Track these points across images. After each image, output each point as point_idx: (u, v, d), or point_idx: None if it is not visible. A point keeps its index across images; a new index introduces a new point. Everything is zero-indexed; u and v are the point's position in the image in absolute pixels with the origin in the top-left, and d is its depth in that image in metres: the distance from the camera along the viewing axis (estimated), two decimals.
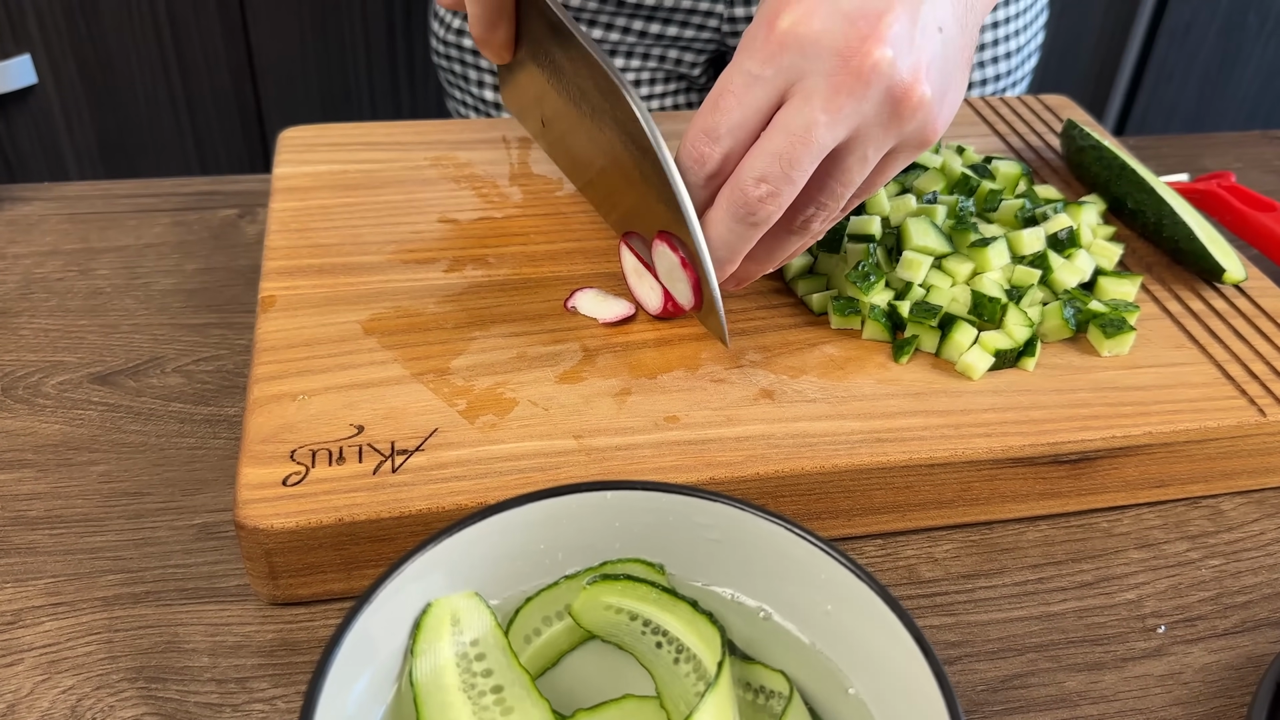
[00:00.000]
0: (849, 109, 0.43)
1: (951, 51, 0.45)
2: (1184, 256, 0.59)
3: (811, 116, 0.43)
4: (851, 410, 0.49)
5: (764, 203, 0.44)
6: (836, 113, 0.43)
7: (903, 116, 0.43)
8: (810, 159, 0.43)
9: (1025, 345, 0.51)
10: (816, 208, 0.46)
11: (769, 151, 0.44)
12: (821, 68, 0.43)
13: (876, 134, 0.44)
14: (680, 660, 0.36)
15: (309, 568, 0.44)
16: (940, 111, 0.45)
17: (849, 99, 0.42)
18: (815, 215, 0.47)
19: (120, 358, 0.57)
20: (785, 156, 0.43)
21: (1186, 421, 0.50)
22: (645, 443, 0.47)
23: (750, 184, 0.44)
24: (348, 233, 0.58)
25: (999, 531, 0.51)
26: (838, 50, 0.42)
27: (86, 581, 0.46)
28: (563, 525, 0.37)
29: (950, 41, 0.45)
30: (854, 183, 0.46)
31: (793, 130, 0.43)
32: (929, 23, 0.44)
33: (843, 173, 0.45)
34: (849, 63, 0.42)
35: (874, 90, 0.43)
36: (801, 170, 0.44)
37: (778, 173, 0.44)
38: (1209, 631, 0.47)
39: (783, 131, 0.43)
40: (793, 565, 0.36)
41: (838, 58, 0.42)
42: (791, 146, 0.43)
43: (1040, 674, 0.45)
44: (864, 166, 0.45)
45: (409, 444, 0.45)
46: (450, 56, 0.92)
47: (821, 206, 0.46)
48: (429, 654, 0.34)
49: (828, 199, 0.46)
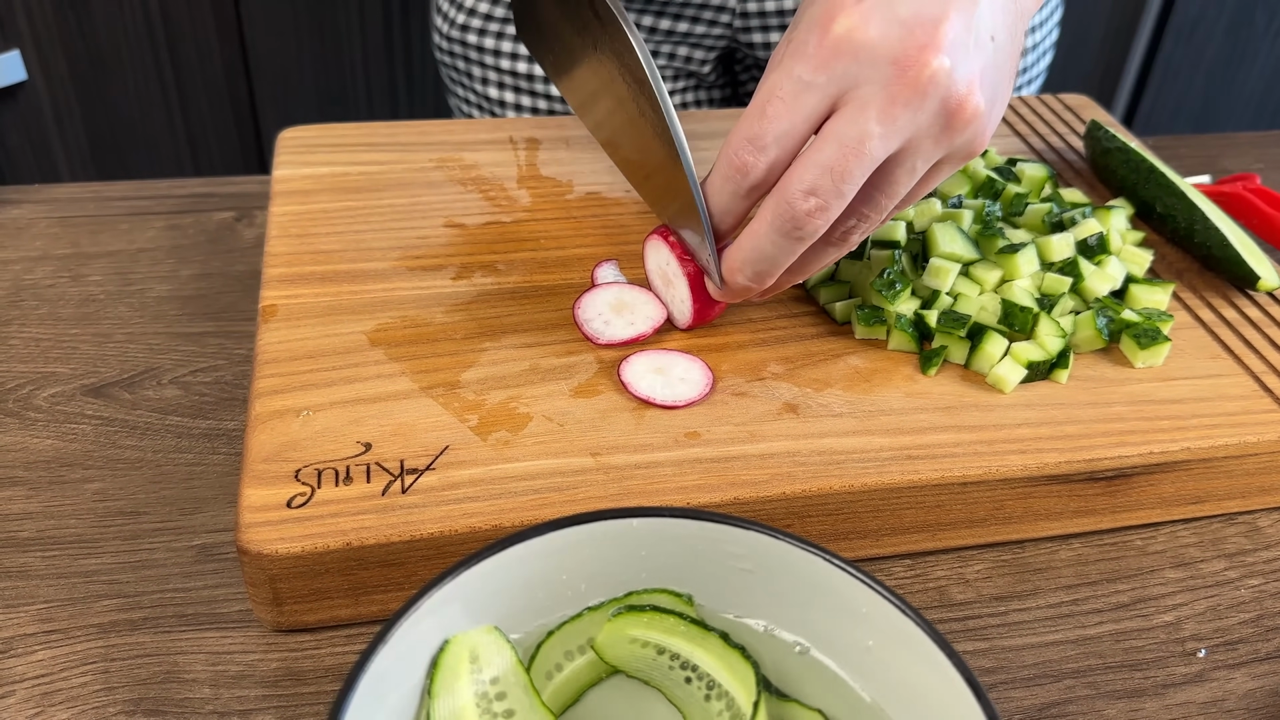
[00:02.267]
0: (904, 120, 0.41)
1: (1001, 59, 0.43)
2: (1216, 263, 0.57)
3: (866, 127, 0.41)
4: (879, 425, 0.47)
5: (812, 216, 0.42)
6: (891, 124, 0.41)
7: (955, 129, 0.42)
8: (862, 172, 0.42)
9: (1058, 357, 0.49)
10: (859, 219, 0.44)
11: (820, 164, 0.42)
12: (878, 76, 0.41)
13: (927, 146, 0.42)
14: (711, 697, 0.34)
15: (315, 593, 0.41)
16: (990, 122, 0.43)
17: (905, 110, 0.41)
18: (856, 227, 0.45)
19: (114, 368, 0.55)
20: (837, 170, 0.41)
21: (1225, 436, 0.48)
22: (665, 460, 0.45)
23: (799, 197, 0.42)
24: (351, 238, 0.56)
25: (1030, 551, 0.49)
26: (894, 59, 0.40)
27: (81, 607, 0.44)
28: (585, 554, 0.35)
29: (1001, 49, 0.43)
30: (900, 194, 0.44)
31: (846, 141, 0.41)
32: (983, 30, 0.42)
33: (890, 185, 0.43)
34: (906, 72, 0.40)
35: (930, 101, 0.41)
36: (853, 184, 0.42)
37: (828, 186, 0.42)
38: (1251, 655, 0.45)
39: (835, 142, 0.41)
40: (832, 597, 0.34)
41: (894, 66, 0.40)
42: (844, 158, 0.41)
43: (1079, 701, 0.43)
44: (911, 178, 0.43)
45: (419, 462, 0.43)
46: (454, 53, 0.90)
47: (864, 218, 0.44)
48: (448, 694, 0.32)
49: (871, 210, 0.44)
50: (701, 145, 0.67)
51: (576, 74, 0.52)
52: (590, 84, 0.51)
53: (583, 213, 0.60)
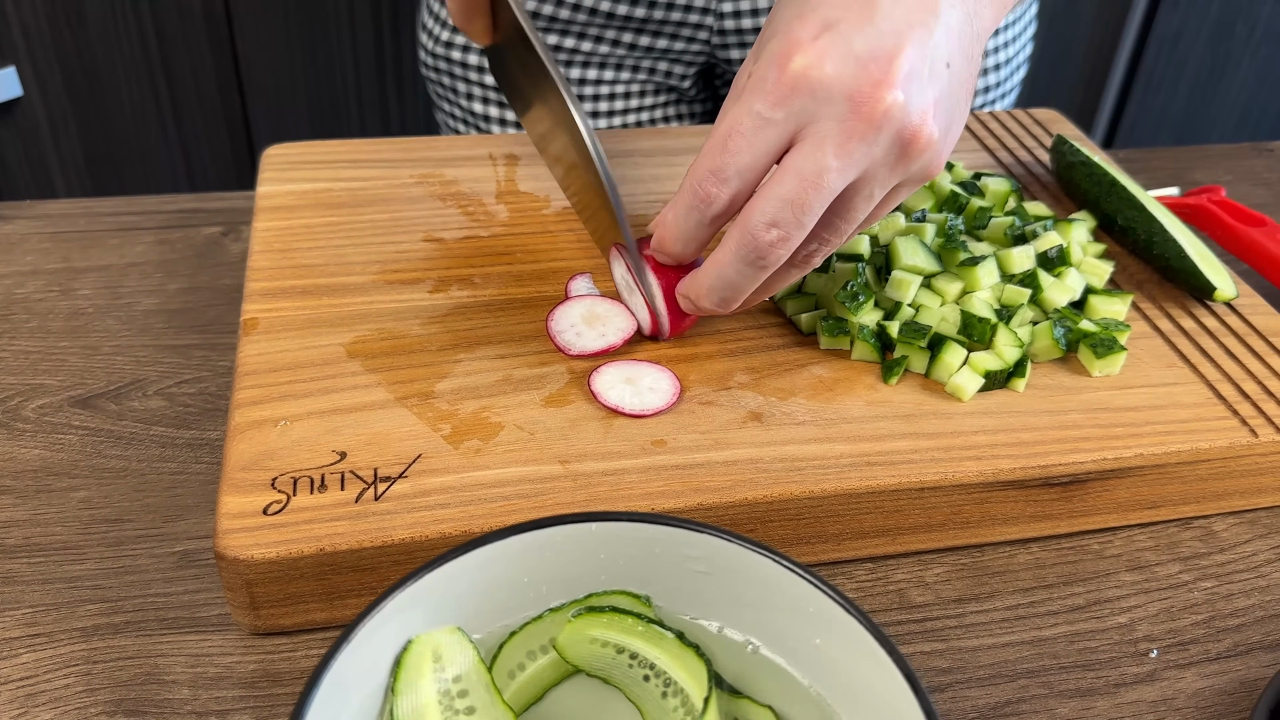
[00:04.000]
0: (860, 153, 0.43)
1: (956, 86, 0.45)
2: (1175, 274, 0.59)
3: (824, 162, 0.43)
4: (841, 433, 0.48)
5: (774, 247, 0.44)
6: (848, 157, 0.43)
7: (910, 157, 0.44)
8: (821, 203, 0.43)
9: (1015, 366, 0.51)
10: (820, 243, 0.47)
11: (780, 197, 0.43)
12: (834, 112, 0.43)
13: (883, 174, 0.44)
14: (668, 694, 0.36)
15: (290, 598, 0.43)
16: (944, 147, 0.45)
17: (860, 143, 0.42)
18: (818, 250, 0.47)
19: (101, 380, 0.57)
20: (797, 202, 0.43)
21: (1178, 443, 0.50)
22: (632, 468, 0.46)
23: (761, 229, 0.44)
24: (332, 253, 0.57)
25: (990, 554, 0.50)
26: (849, 95, 0.42)
27: (65, 611, 0.45)
28: (547, 557, 0.36)
29: (956, 76, 0.45)
30: (858, 219, 0.46)
31: (804, 175, 0.43)
32: (938, 59, 0.44)
33: (848, 211, 0.45)
34: (861, 108, 0.42)
35: (884, 134, 0.43)
36: (812, 215, 0.44)
37: (789, 218, 0.44)
38: (1201, 656, 0.46)
39: (794, 176, 0.43)
40: (782, 597, 0.35)
41: (849, 103, 0.42)
42: (803, 191, 0.43)
43: (1032, 700, 0.44)
44: (869, 204, 0.45)
45: (392, 471, 0.45)
46: (439, 69, 0.92)
47: (825, 242, 0.47)
48: (410, 692, 0.33)
49: (831, 235, 0.46)
50: (679, 161, 0.68)
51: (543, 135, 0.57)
52: (556, 153, 0.56)
53: (559, 227, 0.61)
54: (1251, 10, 1.86)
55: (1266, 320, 0.58)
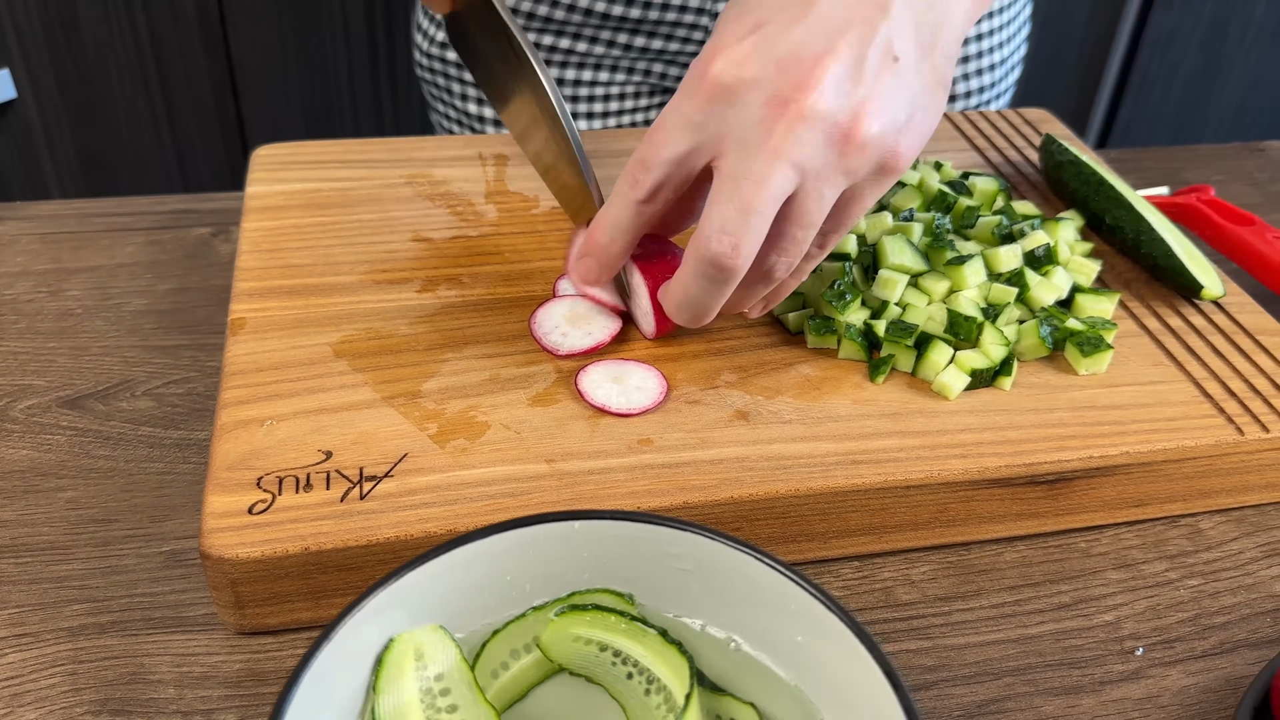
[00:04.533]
0: (788, 154, 0.42)
1: (912, 78, 0.44)
2: (1162, 273, 0.59)
3: (751, 165, 0.43)
4: (827, 432, 0.49)
5: (728, 256, 0.44)
6: (775, 159, 0.42)
7: (850, 154, 0.43)
8: (765, 203, 0.43)
9: (1002, 364, 0.51)
10: (779, 254, 0.46)
11: (723, 202, 0.44)
12: (752, 117, 0.43)
13: (827, 174, 0.44)
14: (651, 691, 0.36)
15: (276, 597, 0.43)
16: (900, 142, 0.44)
17: (785, 144, 0.42)
18: (779, 262, 0.46)
19: (90, 381, 0.57)
20: (739, 204, 0.43)
21: (1164, 441, 0.50)
22: (618, 466, 0.46)
23: (712, 239, 0.44)
24: (320, 253, 0.58)
25: (976, 552, 0.50)
26: (767, 100, 0.42)
27: (51, 611, 0.45)
28: (530, 556, 0.36)
29: (910, 68, 0.44)
30: (814, 224, 0.45)
31: (739, 178, 0.43)
32: (880, 54, 0.43)
33: (802, 215, 0.45)
34: (778, 112, 0.42)
35: (811, 135, 0.42)
36: (760, 216, 0.43)
37: (735, 221, 0.43)
38: (1187, 654, 0.46)
39: (729, 181, 0.43)
40: (764, 595, 0.35)
41: (766, 107, 0.42)
42: (742, 193, 0.43)
43: (1017, 698, 0.44)
44: (823, 206, 0.45)
45: (378, 470, 0.45)
46: (434, 70, 0.92)
47: (784, 252, 0.46)
48: (392, 691, 0.33)
49: (789, 244, 0.45)
50: None
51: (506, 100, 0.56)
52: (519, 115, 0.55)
53: (547, 227, 0.61)
54: (1245, 11, 1.86)
55: (1254, 319, 0.58)
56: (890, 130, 0.44)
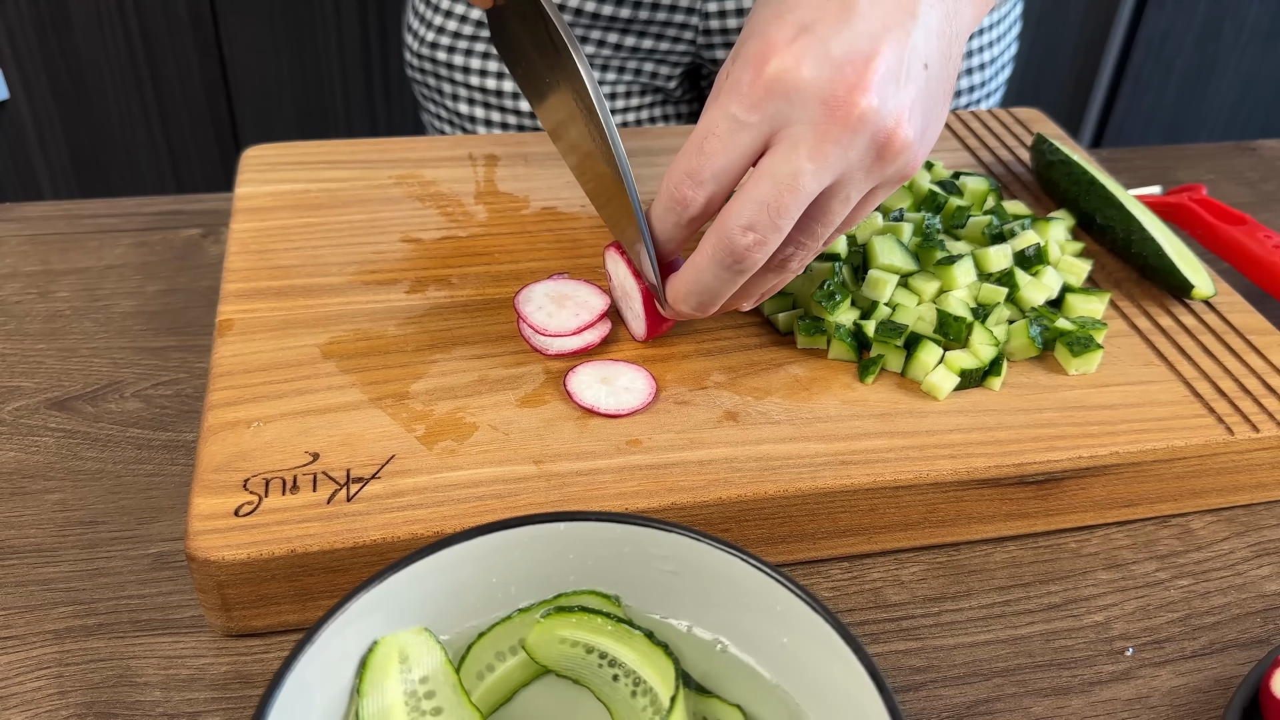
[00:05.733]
0: (835, 156, 0.43)
1: (934, 86, 0.45)
2: (1153, 272, 0.59)
3: (798, 165, 0.43)
4: (816, 432, 0.48)
5: (751, 251, 0.44)
6: (823, 161, 0.42)
7: (886, 160, 0.43)
8: (798, 206, 0.43)
9: (991, 364, 0.51)
10: (797, 248, 0.46)
11: (756, 200, 0.43)
12: (808, 116, 0.42)
13: (859, 178, 0.44)
14: (637, 694, 0.35)
15: (262, 599, 0.43)
16: (921, 148, 0.45)
17: (835, 147, 0.42)
18: (795, 255, 0.47)
19: (79, 382, 0.57)
20: (773, 205, 0.43)
21: (1154, 441, 0.50)
22: (606, 468, 0.46)
23: (738, 232, 0.44)
24: (308, 254, 0.57)
25: (966, 553, 0.50)
26: (824, 99, 0.42)
27: (38, 614, 0.45)
28: (515, 557, 0.36)
29: (934, 77, 0.45)
30: (835, 223, 0.46)
31: (780, 178, 0.43)
32: (915, 61, 0.43)
33: (825, 215, 0.45)
34: (835, 112, 0.42)
35: (860, 138, 0.42)
36: (789, 218, 0.44)
37: (766, 221, 0.43)
38: (1177, 654, 0.46)
39: (770, 179, 0.43)
40: (749, 596, 0.35)
41: (824, 107, 0.42)
42: (779, 194, 0.43)
43: (1006, 699, 0.44)
44: (846, 207, 0.45)
45: (365, 471, 0.45)
46: (424, 70, 0.91)
47: (802, 246, 0.46)
48: (376, 693, 0.33)
49: (808, 239, 0.46)
50: (661, 161, 0.68)
51: (542, 93, 0.54)
52: (554, 107, 0.53)
53: (538, 227, 0.61)
54: (1239, 10, 1.86)
55: (1244, 318, 0.58)
56: (918, 137, 0.44)
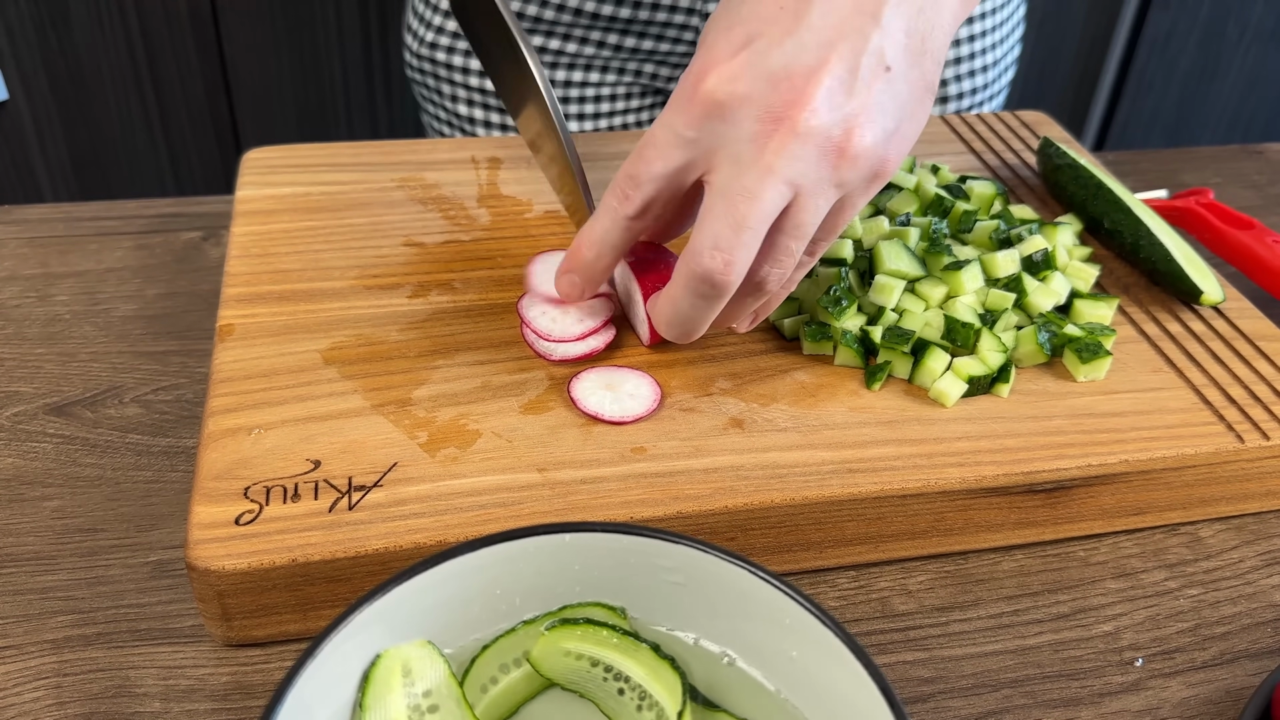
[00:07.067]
0: (781, 167, 0.42)
1: (902, 87, 0.44)
2: (1161, 277, 0.58)
3: (744, 182, 0.42)
4: (823, 440, 0.48)
5: (721, 272, 0.43)
6: (770, 173, 0.42)
7: (844, 168, 0.43)
8: (758, 218, 0.43)
9: (999, 371, 0.50)
10: (771, 265, 0.45)
11: (716, 217, 0.43)
12: (745, 133, 0.42)
13: (822, 187, 0.43)
14: (643, 708, 0.35)
15: (263, 609, 0.42)
16: (889, 149, 0.44)
17: (778, 159, 0.42)
18: (770, 274, 0.46)
19: (78, 387, 0.56)
20: (733, 219, 0.43)
21: (1163, 449, 0.49)
22: (611, 475, 0.46)
23: (705, 254, 0.43)
24: (310, 258, 0.57)
25: (974, 562, 0.50)
26: (759, 116, 0.42)
27: (36, 623, 0.44)
28: (520, 569, 0.36)
29: (900, 76, 0.44)
30: (807, 235, 0.45)
31: (731, 194, 0.43)
32: (872, 65, 0.43)
33: (796, 227, 0.44)
34: (771, 128, 0.42)
35: (806, 150, 0.42)
36: (752, 231, 0.43)
37: (728, 236, 0.43)
38: (1187, 664, 0.46)
39: (722, 196, 0.43)
40: (757, 609, 0.35)
41: (759, 123, 0.42)
42: (735, 208, 0.43)
43: (1015, 711, 0.44)
44: (816, 217, 0.44)
45: (367, 479, 0.44)
46: (424, 71, 0.91)
47: (777, 264, 0.45)
48: (379, 707, 0.33)
49: (783, 255, 0.45)
50: None
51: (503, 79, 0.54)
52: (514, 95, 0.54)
53: (541, 231, 0.61)
54: (1242, 11, 1.86)
55: (1253, 324, 0.57)
56: (882, 140, 0.43)
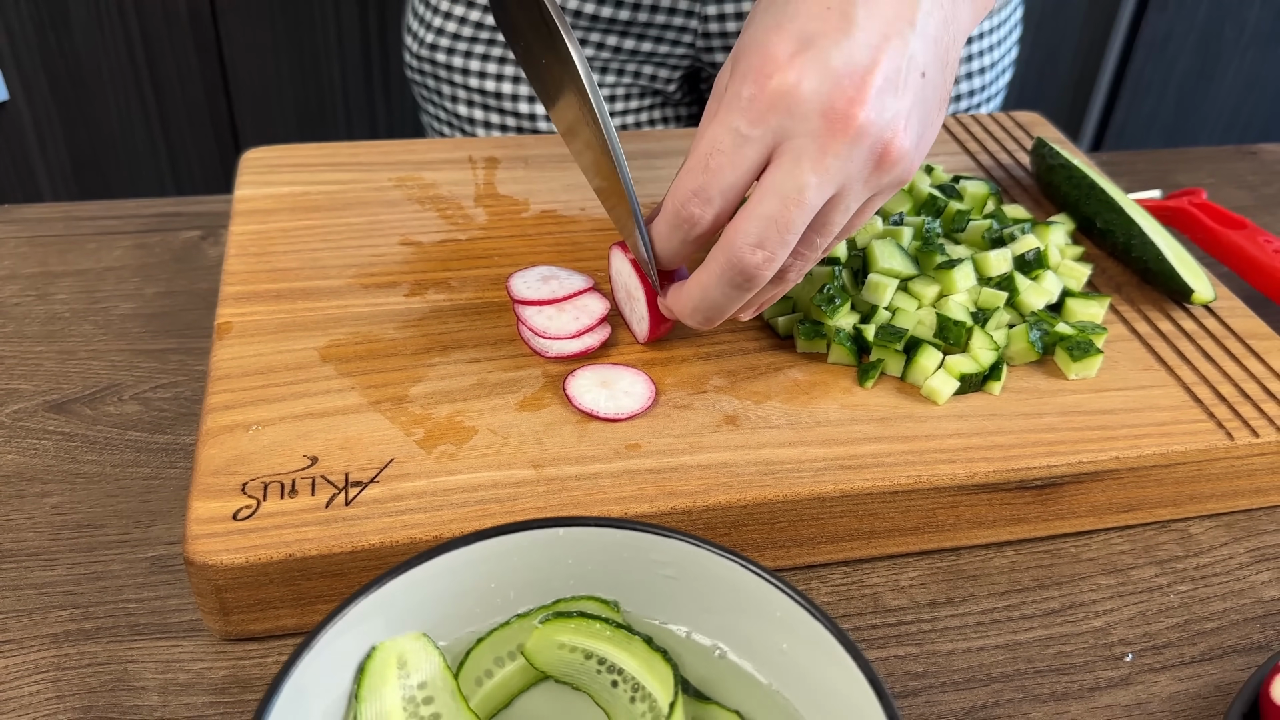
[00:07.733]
0: (836, 168, 0.43)
1: (930, 93, 0.45)
2: (1153, 277, 0.59)
3: (802, 179, 0.43)
4: (816, 436, 0.48)
5: (760, 268, 0.44)
6: (825, 173, 0.43)
7: (884, 169, 0.44)
8: (803, 221, 0.44)
9: (991, 369, 0.51)
10: (796, 258, 0.46)
11: (763, 216, 0.44)
12: (809, 129, 0.43)
13: (858, 188, 0.44)
14: (636, 699, 0.35)
15: (261, 603, 0.43)
16: (917, 155, 0.45)
17: (836, 159, 0.43)
18: (794, 265, 0.47)
19: (77, 385, 0.56)
20: (780, 221, 0.43)
21: (1153, 446, 0.50)
22: (606, 472, 0.46)
23: (747, 250, 0.44)
24: (307, 256, 0.57)
25: (965, 558, 0.50)
26: (824, 112, 0.42)
27: (35, 618, 0.45)
28: (514, 563, 0.36)
29: (930, 83, 0.45)
30: (834, 233, 0.46)
31: (785, 194, 0.43)
32: (913, 69, 0.44)
33: (825, 225, 0.45)
34: (835, 125, 0.42)
35: (859, 149, 0.43)
36: (795, 233, 0.44)
37: (774, 238, 0.44)
38: (1176, 660, 0.46)
39: (776, 195, 0.43)
40: (748, 602, 0.35)
41: (824, 120, 0.43)
42: (785, 210, 0.43)
43: (1006, 705, 0.44)
44: (845, 217, 0.45)
45: (363, 475, 0.45)
46: (424, 71, 0.91)
47: (802, 258, 0.46)
48: (374, 699, 0.33)
49: (809, 250, 0.46)
50: (659, 164, 0.68)
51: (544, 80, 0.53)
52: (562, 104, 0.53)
53: (538, 230, 0.61)
54: (1239, 13, 1.86)
55: (1244, 323, 0.58)
56: (915, 144, 0.44)
